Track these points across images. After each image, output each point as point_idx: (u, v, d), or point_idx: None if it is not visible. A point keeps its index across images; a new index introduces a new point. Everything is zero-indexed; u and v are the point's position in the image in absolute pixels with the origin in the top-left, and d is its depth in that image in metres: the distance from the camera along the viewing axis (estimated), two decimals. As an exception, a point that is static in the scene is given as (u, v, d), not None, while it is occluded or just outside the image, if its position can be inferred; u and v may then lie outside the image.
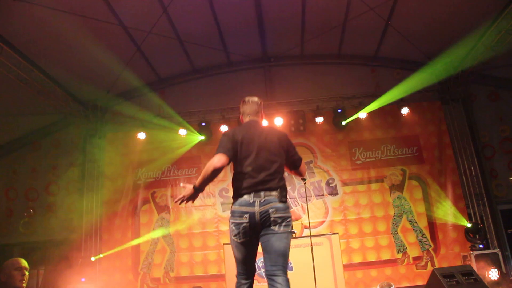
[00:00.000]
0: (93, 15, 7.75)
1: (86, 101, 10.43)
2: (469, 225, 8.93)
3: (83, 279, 8.97)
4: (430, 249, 9.37)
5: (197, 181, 3.38)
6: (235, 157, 3.53)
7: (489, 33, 8.37)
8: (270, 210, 3.36)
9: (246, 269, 3.51)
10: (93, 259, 9.40)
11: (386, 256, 9.39)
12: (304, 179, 6.53)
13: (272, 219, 3.36)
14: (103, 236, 9.94)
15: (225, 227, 9.79)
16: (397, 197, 9.73)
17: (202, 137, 10.09)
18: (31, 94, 8.96)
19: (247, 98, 3.90)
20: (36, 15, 7.39)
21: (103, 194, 10.17)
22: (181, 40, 9.42)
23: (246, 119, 3.84)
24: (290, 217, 3.49)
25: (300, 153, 3.83)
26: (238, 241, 3.43)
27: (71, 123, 10.49)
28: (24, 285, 3.34)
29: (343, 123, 9.92)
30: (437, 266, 9.00)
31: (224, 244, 7.97)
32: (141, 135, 10.04)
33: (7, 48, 7.69)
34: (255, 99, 3.89)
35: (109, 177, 10.29)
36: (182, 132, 9.97)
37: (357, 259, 9.38)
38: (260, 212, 3.36)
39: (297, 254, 7.32)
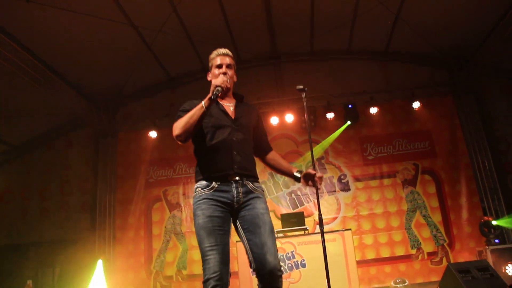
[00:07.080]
0: (103, 15, 7.80)
1: (98, 101, 10.52)
2: (494, 222, 8.62)
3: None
4: (444, 244, 9.29)
5: None
6: None
7: (501, 24, 8.26)
8: None
9: None
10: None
11: (400, 251, 9.32)
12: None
13: None
14: (117, 235, 10.02)
15: (238, 224, 9.78)
16: (410, 192, 9.66)
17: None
18: (43, 95, 9.05)
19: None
20: (47, 16, 7.46)
21: (115, 193, 10.26)
22: (191, 39, 9.42)
23: None
24: None
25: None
26: None
27: (83, 123, 10.57)
28: None
29: (348, 122, 9.88)
30: (452, 261, 8.91)
31: (236, 241, 7.91)
32: (153, 134, 10.08)
33: (19, 49, 7.79)
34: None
35: (122, 176, 10.39)
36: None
37: (371, 255, 9.34)
38: None
39: (310, 251, 7.30)
